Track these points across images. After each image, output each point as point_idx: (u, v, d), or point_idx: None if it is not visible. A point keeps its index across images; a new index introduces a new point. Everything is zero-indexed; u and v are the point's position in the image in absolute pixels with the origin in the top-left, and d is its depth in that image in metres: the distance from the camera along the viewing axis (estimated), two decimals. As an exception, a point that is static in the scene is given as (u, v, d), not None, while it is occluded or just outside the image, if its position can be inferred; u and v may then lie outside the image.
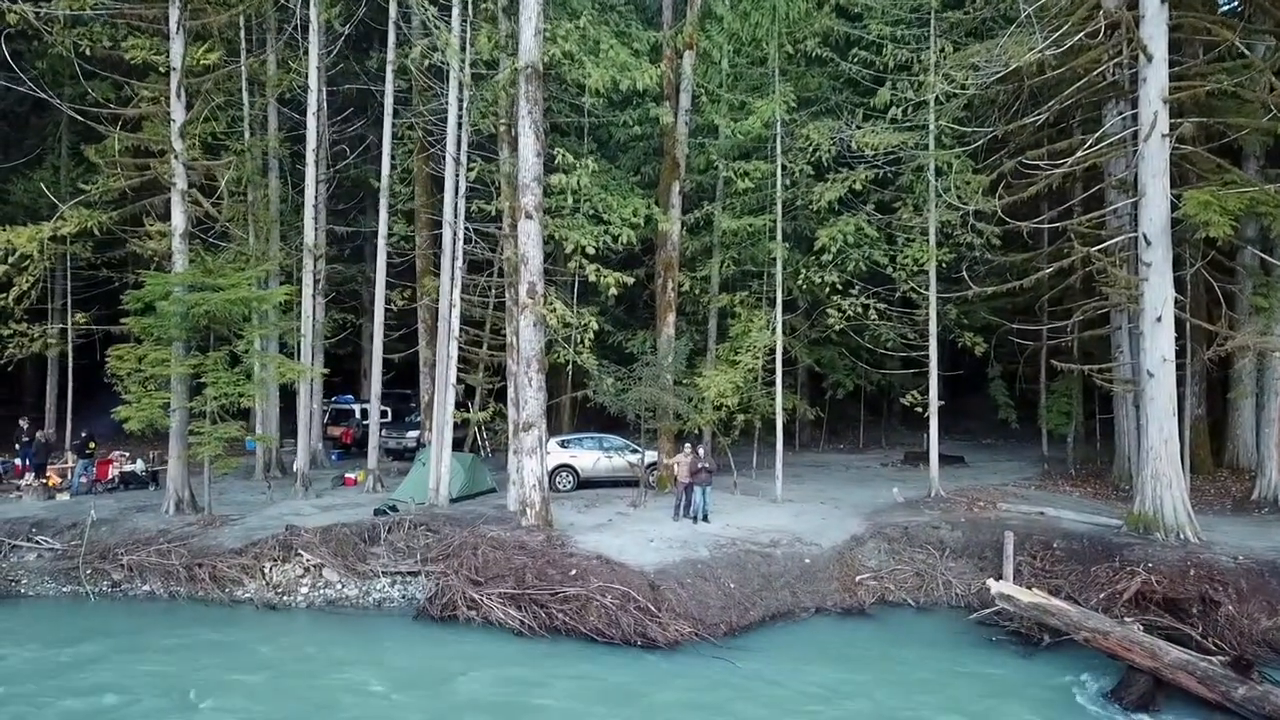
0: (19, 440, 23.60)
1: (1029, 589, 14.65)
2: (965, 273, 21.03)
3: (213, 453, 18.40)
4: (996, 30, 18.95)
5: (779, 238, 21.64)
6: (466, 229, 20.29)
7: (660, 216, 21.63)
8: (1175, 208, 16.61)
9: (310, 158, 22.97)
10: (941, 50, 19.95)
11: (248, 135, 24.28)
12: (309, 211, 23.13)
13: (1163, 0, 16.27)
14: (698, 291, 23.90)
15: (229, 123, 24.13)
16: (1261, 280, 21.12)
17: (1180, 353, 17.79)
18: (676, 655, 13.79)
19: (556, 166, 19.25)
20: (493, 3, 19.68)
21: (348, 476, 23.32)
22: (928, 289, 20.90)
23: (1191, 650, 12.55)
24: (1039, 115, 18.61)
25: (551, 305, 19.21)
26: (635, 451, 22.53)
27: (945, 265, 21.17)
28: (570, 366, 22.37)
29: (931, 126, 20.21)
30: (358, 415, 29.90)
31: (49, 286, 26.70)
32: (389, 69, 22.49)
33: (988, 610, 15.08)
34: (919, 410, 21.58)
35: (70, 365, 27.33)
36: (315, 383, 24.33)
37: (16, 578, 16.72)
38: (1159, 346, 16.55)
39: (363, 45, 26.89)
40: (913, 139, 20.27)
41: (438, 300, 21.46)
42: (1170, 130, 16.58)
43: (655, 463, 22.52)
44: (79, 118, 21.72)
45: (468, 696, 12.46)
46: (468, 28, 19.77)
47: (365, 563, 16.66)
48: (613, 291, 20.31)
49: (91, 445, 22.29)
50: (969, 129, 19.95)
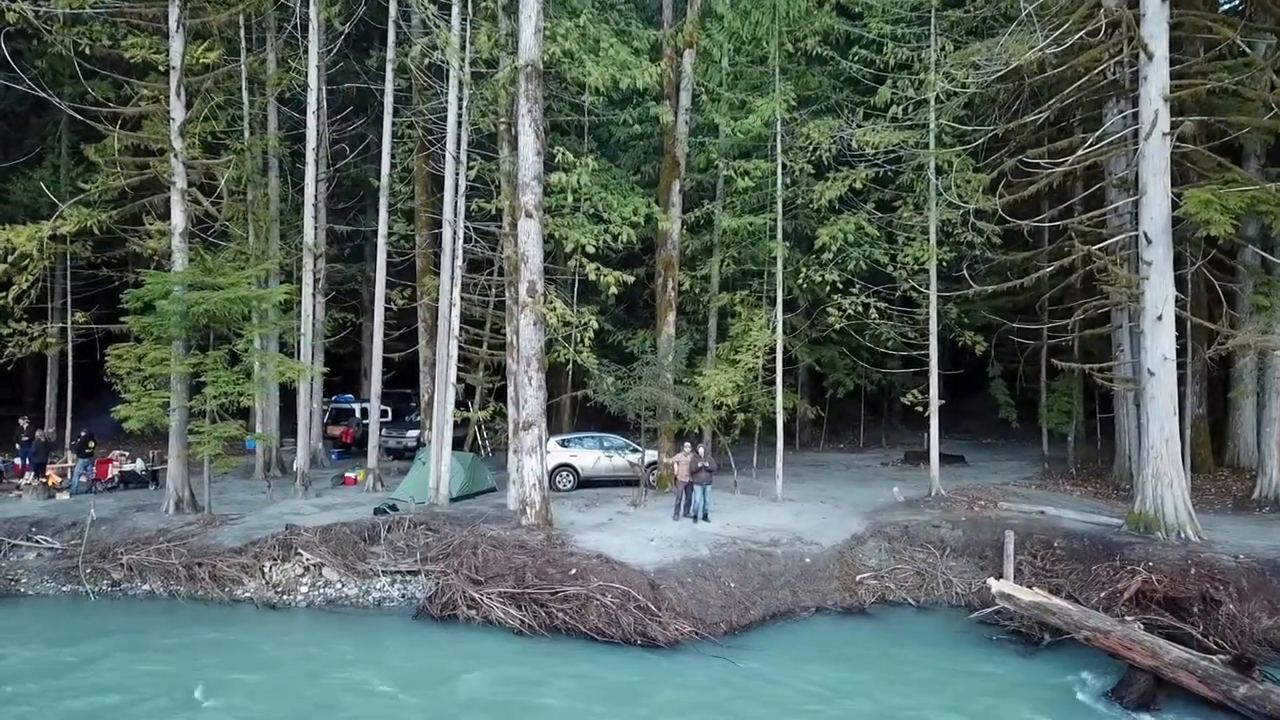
0: (19, 439, 23.60)
1: (1029, 588, 14.63)
2: (966, 271, 21.01)
3: (212, 452, 18.40)
4: (997, 29, 18.90)
5: (779, 237, 21.61)
6: (466, 228, 20.28)
7: (660, 215, 21.61)
8: (1176, 206, 16.60)
9: (310, 156, 22.95)
10: (942, 49, 19.92)
11: (247, 134, 24.31)
12: (309, 210, 23.13)
13: (1163, -2, 16.28)
14: (698, 290, 23.88)
15: (229, 121, 24.16)
16: (1262, 279, 21.11)
17: (1181, 351, 17.78)
18: (677, 654, 13.78)
19: (556, 165, 19.23)
20: (493, 1, 19.66)
21: (348, 476, 23.35)
22: (928, 288, 20.89)
23: (1192, 649, 12.52)
24: (1039, 114, 18.59)
25: (551, 304, 19.19)
26: (635, 451, 22.52)
27: (946, 264, 21.15)
28: (570, 366, 22.34)
29: (932, 125, 20.19)
30: (358, 414, 29.91)
31: (49, 285, 26.73)
32: (389, 68, 22.49)
33: (988, 609, 15.08)
34: (919, 409, 21.58)
35: (70, 364, 27.35)
36: (315, 382, 24.32)
37: (16, 577, 16.73)
38: (1160, 345, 16.54)
39: (362, 44, 26.89)
40: (913, 137, 20.24)
41: (438, 299, 21.45)
42: (1171, 129, 16.56)
43: (655, 462, 22.51)
44: (79, 117, 21.72)
45: (471, 696, 12.44)
46: (468, 26, 19.76)
47: (365, 562, 16.65)
48: (613, 290, 20.29)
49: (91, 444, 22.28)
50: (969, 127, 19.93)
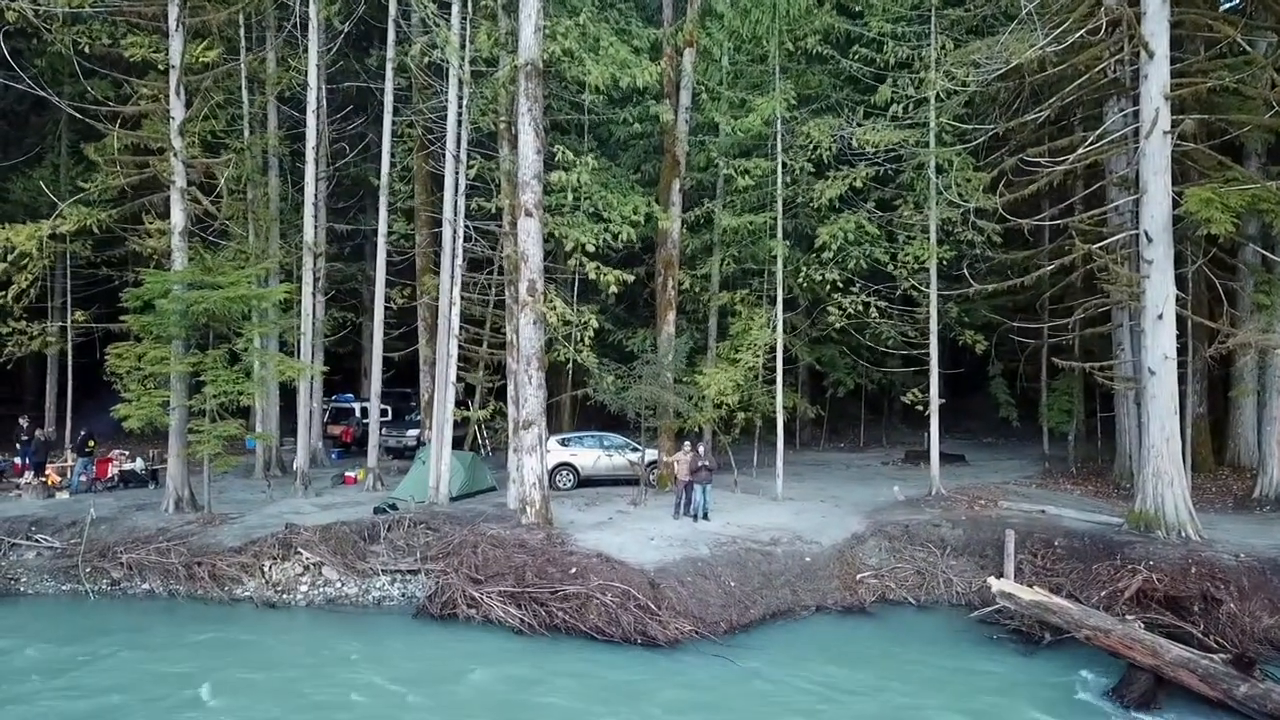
0: (19, 439, 23.59)
1: (1030, 587, 14.61)
2: (966, 270, 21.00)
3: (212, 451, 18.39)
4: (997, 27, 18.87)
5: (779, 235, 21.58)
6: (466, 227, 20.26)
7: (660, 214, 21.59)
8: (1177, 205, 16.59)
9: (310, 155, 22.93)
10: (942, 47, 19.90)
11: (247, 133, 24.30)
12: (309, 209, 23.11)
13: (1164, -3, 16.26)
14: (698, 289, 23.85)
15: (228, 120, 24.15)
16: (1263, 278, 21.09)
17: (1182, 350, 17.76)
18: (677, 653, 13.76)
19: (556, 164, 19.22)
20: (493, 0, 19.65)
21: (348, 475, 23.33)
22: (928, 287, 20.87)
23: (1193, 648, 12.51)
24: (1040, 112, 18.58)
25: (551, 303, 19.18)
26: (635, 450, 22.50)
27: (946, 263, 21.12)
28: (570, 365, 22.33)
29: (932, 124, 20.16)
30: (358, 414, 29.88)
31: (49, 285, 26.73)
32: (389, 67, 22.46)
33: (989, 608, 15.06)
34: (920, 409, 21.56)
35: (70, 363, 27.33)
36: (315, 381, 24.31)
37: (16, 576, 16.72)
38: (1160, 344, 16.52)
39: (362, 43, 26.87)
40: (913, 136, 20.21)
41: (438, 298, 21.44)
42: (1172, 127, 16.55)
43: (655, 461, 22.50)
44: (78, 116, 21.71)
45: (478, 695, 12.42)
46: (467, 25, 19.75)
47: (365, 561, 16.64)
48: (613, 289, 20.28)
49: (91, 443, 22.26)
50: (970, 126, 19.91)
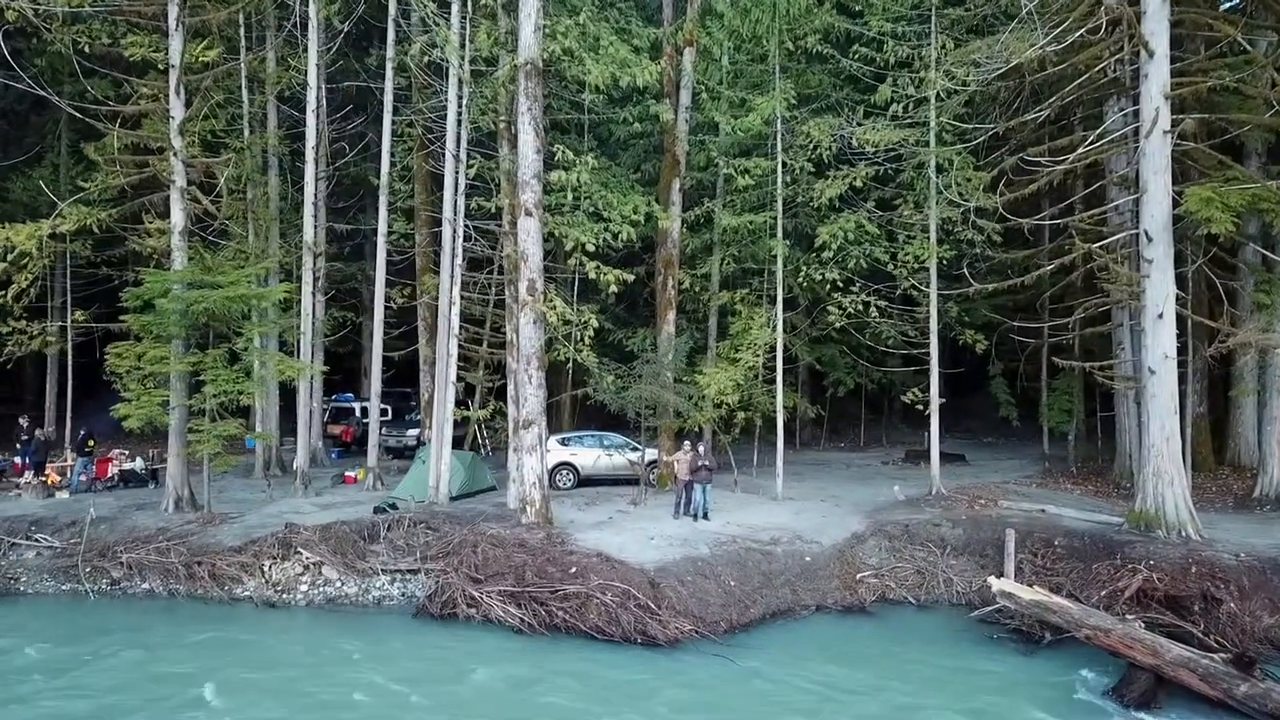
0: (18, 438, 23.58)
1: (1030, 586, 14.60)
2: (966, 270, 20.99)
3: (212, 450, 18.38)
4: (997, 26, 18.85)
5: (779, 235, 21.57)
6: (466, 226, 20.25)
7: (660, 214, 21.58)
8: (1177, 204, 16.58)
9: (310, 155, 22.92)
10: (942, 47, 19.89)
11: (247, 133, 24.29)
12: (308, 209, 23.09)
13: (1164, -4, 16.25)
14: (698, 289, 23.84)
15: (228, 120, 24.13)
16: (1263, 277, 21.08)
17: (1182, 350, 17.76)
18: (677, 653, 13.76)
19: (556, 163, 19.20)
20: (492, -1, 19.68)
21: (348, 474, 23.33)
22: (928, 286, 20.85)
23: (1193, 648, 12.51)
24: (1040, 112, 18.57)
25: (551, 303, 19.16)
26: (635, 449, 22.50)
27: (946, 262, 21.11)
28: (570, 364, 22.32)
29: (932, 123, 20.14)
30: (358, 413, 29.87)
31: (48, 284, 26.71)
32: (388, 66, 22.45)
33: (989, 608, 15.05)
34: (920, 408, 21.55)
35: (70, 363, 27.31)
36: (315, 381, 24.29)
37: (15, 575, 16.71)
38: (1160, 343, 16.52)
39: (362, 42, 26.85)
40: (913, 136, 20.20)
41: (437, 298, 21.43)
42: (1172, 126, 16.54)
43: (655, 460, 22.50)
44: (78, 115, 21.70)
45: (481, 694, 12.41)
46: (467, 24, 19.74)
47: (365, 560, 16.63)
48: (613, 289, 20.26)
49: (91, 443, 22.25)
50: (970, 125, 19.90)
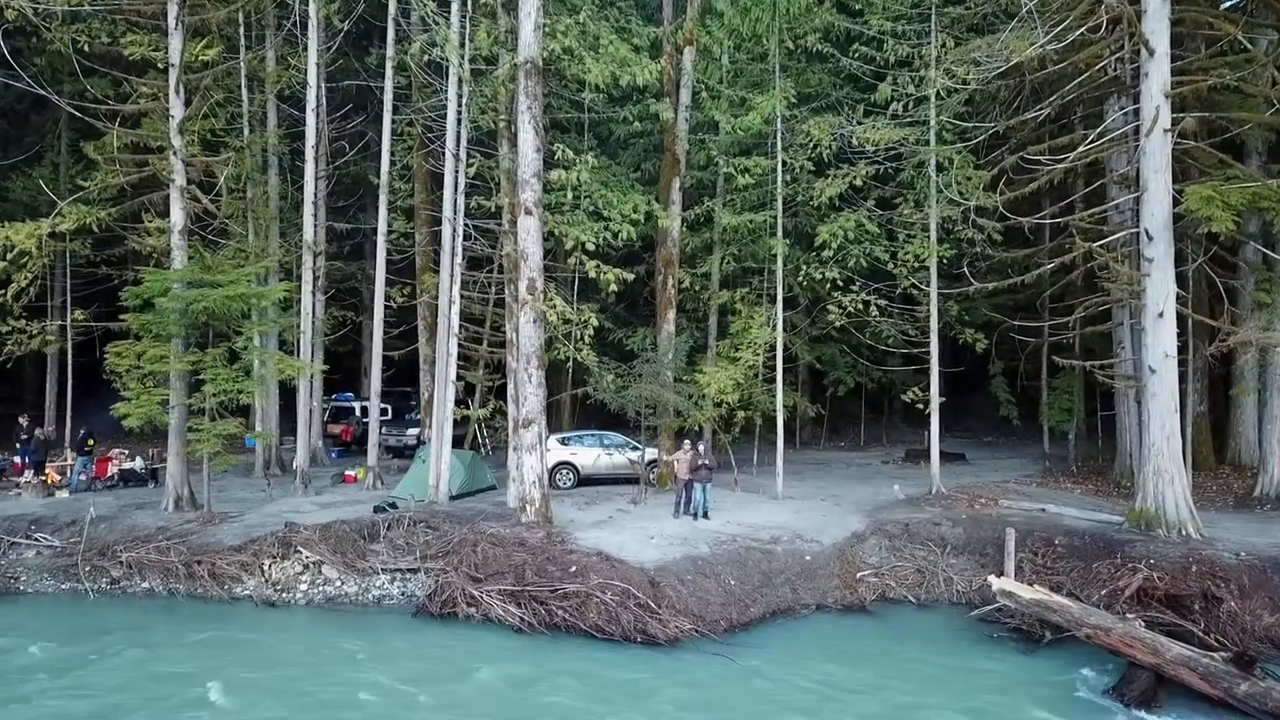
0: (18, 438, 23.57)
1: (1030, 586, 14.57)
2: (966, 269, 20.99)
3: (212, 450, 18.37)
4: (998, 25, 18.83)
5: (779, 234, 21.55)
6: (466, 225, 20.24)
7: (660, 213, 21.57)
8: (1177, 203, 16.56)
9: (309, 154, 22.91)
10: (942, 45, 19.87)
11: (247, 132, 24.29)
12: (308, 208, 23.07)
13: (1164, -5, 16.23)
14: (698, 288, 23.82)
15: (228, 119, 24.12)
16: (1264, 276, 21.06)
17: (1182, 349, 17.75)
18: (677, 652, 13.75)
19: (556, 162, 19.19)
20: (492, -2, 19.65)
21: (348, 474, 23.34)
22: (929, 285, 20.84)
23: (1194, 646, 12.50)
24: (1040, 110, 18.56)
25: (551, 302, 19.14)
26: (635, 449, 22.49)
27: (946, 261, 21.09)
28: (570, 363, 22.31)
29: (932, 122, 20.13)
30: (358, 413, 29.86)
31: (48, 283, 26.71)
32: (388, 65, 22.44)
33: (989, 607, 15.04)
34: (920, 407, 21.52)
35: (69, 362, 27.32)
36: (315, 380, 24.28)
37: (15, 575, 16.70)
38: (1161, 342, 16.51)
39: (362, 41, 26.84)
40: (914, 134, 20.18)
41: (437, 297, 21.42)
42: (1172, 125, 16.52)
43: (655, 460, 22.49)
44: (78, 114, 21.69)
45: (486, 693, 12.38)
46: (467, 23, 19.72)
47: (365, 560, 16.63)
48: (613, 288, 20.24)
49: (91, 442, 22.23)
50: (970, 124, 19.88)
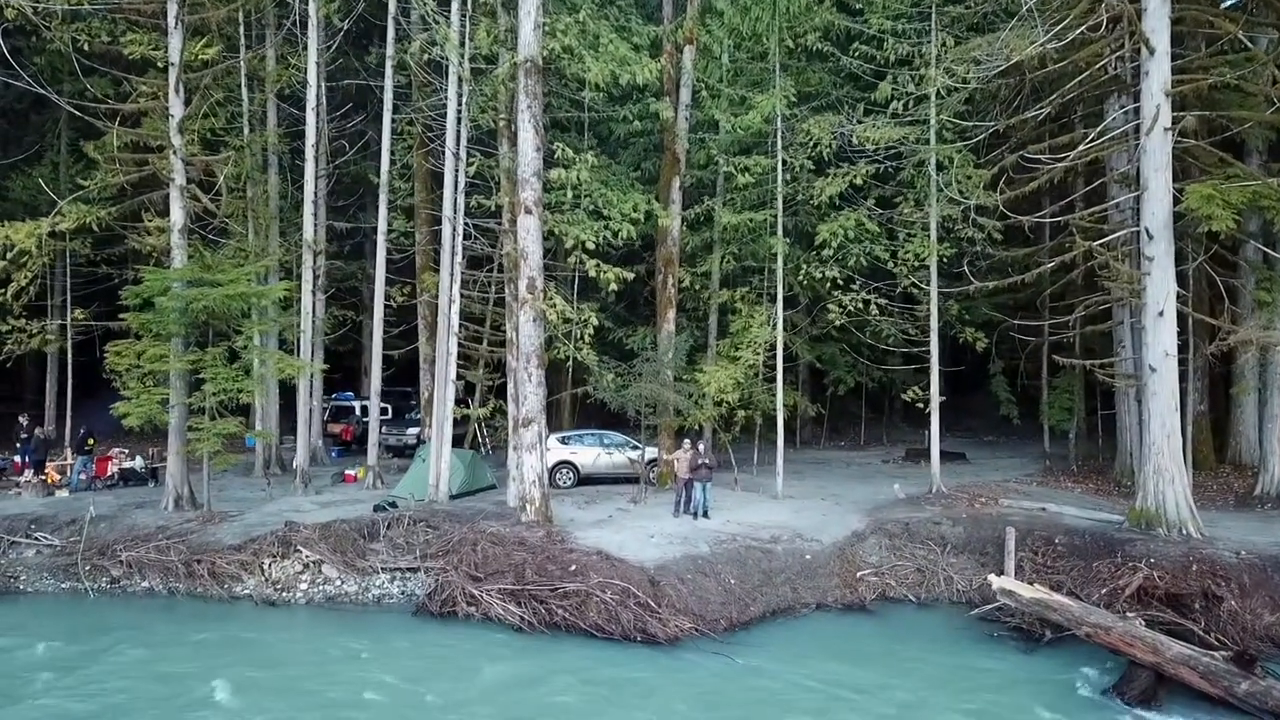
0: (18, 437, 23.56)
1: (1030, 584, 14.56)
2: (966, 268, 20.97)
3: (211, 449, 18.36)
4: (998, 24, 18.81)
5: (780, 233, 21.54)
6: (466, 224, 20.23)
7: (660, 212, 21.56)
8: (1177, 202, 16.56)
9: (309, 153, 22.89)
10: (943, 44, 19.86)
11: (247, 131, 24.26)
12: (308, 207, 23.06)
13: (1165, -6, 16.22)
14: (698, 287, 23.80)
15: (228, 118, 24.09)
16: (1264, 275, 21.04)
17: (1183, 348, 17.75)
18: (677, 651, 13.75)
19: (556, 161, 19.17)
20: (492, -3, 19.64)
21: (348, 473, 23.33)
22: (929, 284, 20.84)
23: (1194, 645, 12.49)
24: (1040, 109, 18.56)
25: (551, 301, 19.12)
26: (635, 448, 22.48)
27: (946, 260, 21.08)
28: (570, 363, 22.30)
29: (932, 121, 20.12)
30: (358, 412, 29.85)
31: (48, 283, 26.71)
32: (388, 64, 22.43)
33: (989, 606, 15.02)
34: (920, 406, 21.51)
35: (69, 361, 27.34)
36: (315, 379, 24.28)
37: (15, 574, 16.69)
38: (1161, 341, 16.50)
39: (362, 40, 26.83)
40: (914, 134, 20.17)
41: (437, 296, 21.41)
42: (1172, 124, 16.52)
43: (655, 459, 22.49)
44: (78, 113, 21.69)
45: (492, 692, 12.34)
46: (467, 22, 19.71)
47: (365, 559, 16.63)
48: (613, 287, 20.22)
49: (90, 442, 22.22)
50: (970, 123, 19.88)
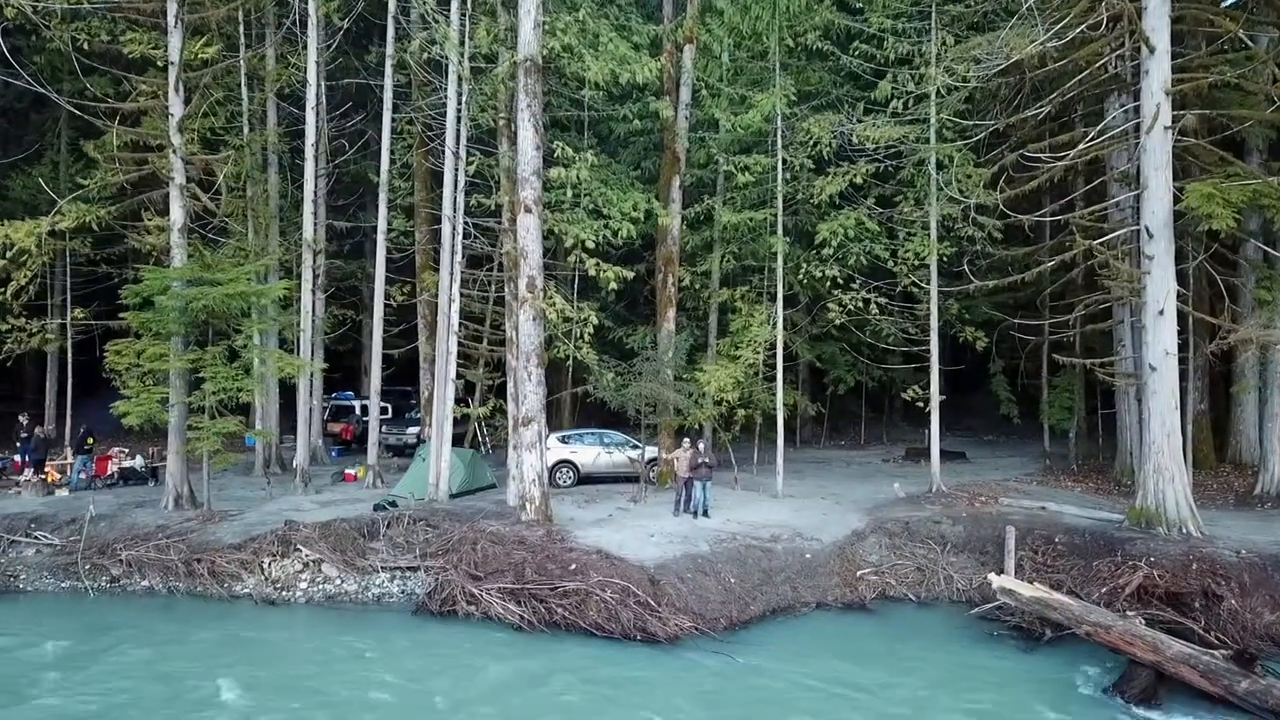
0: (18, 436, 23.55)
1: (1030, 583, 14.56)
2: (966, 267, 20.96)
3: (211, 448, 18.36)
4: (998, 23, 18.82)
5: (779, 232, 21.53)
6: (466, 224, 20.22)
7: (660, 211, 21.55)
8: (1178, 200, 16.55)
9: (309, 153, 22.88)
10: (943, 43, 19.85)
11: (246, 130, 24.26)
12: (308, 206, 23.04)
13: (1165, -8, 16.21)
14: (698, 286, 23.79)
15: (228, 117, 24.09)
16: (1264, 273, 21.02)
17: (1183, 347, 17.76)
18: (677, 650, 13.74)
19: (556, 160, 19.17)
20: (492, -4, 19.63)
21: (348, 472, 23.33)
22: (929, 283, 20.83)
23: (1194, 644, 12.48)
24: (1040, 108, 18.55)
25: (551, 300, 19.12)
26: (635, 447, 22.47)
27: (946, 259, 21.08)
28: (570, 362, 22.29)
29: (933, 120, 20.12)
30: (358, 411, 29.84)
31: (48, 282, 26.71)
32: (388, 63, 22.41)
33: (989, 605, 15.03)
34: (920, 406, 21.49)
35: (69, 361, 27.33)
36: (315, 378, 24.28)
37: (15, 573, 16.69)
38: (1161, 340, 16.49)
39: (362, 40, 26.82)
40: (914, 132, 20.17)
41: (437, 295, 21.41)
42: (1173, 122, 16.51)
43: (655, 458, 22.48)
44: (78, 113, 21.67)
45: (501, 691, 12.34)
46: (467, 21, 19.71)
47: (364, 558, 16.62)
48: (613, 286, 20.20)
49: (90, 441, 22.23)
50: (970, 122, 19.87)
